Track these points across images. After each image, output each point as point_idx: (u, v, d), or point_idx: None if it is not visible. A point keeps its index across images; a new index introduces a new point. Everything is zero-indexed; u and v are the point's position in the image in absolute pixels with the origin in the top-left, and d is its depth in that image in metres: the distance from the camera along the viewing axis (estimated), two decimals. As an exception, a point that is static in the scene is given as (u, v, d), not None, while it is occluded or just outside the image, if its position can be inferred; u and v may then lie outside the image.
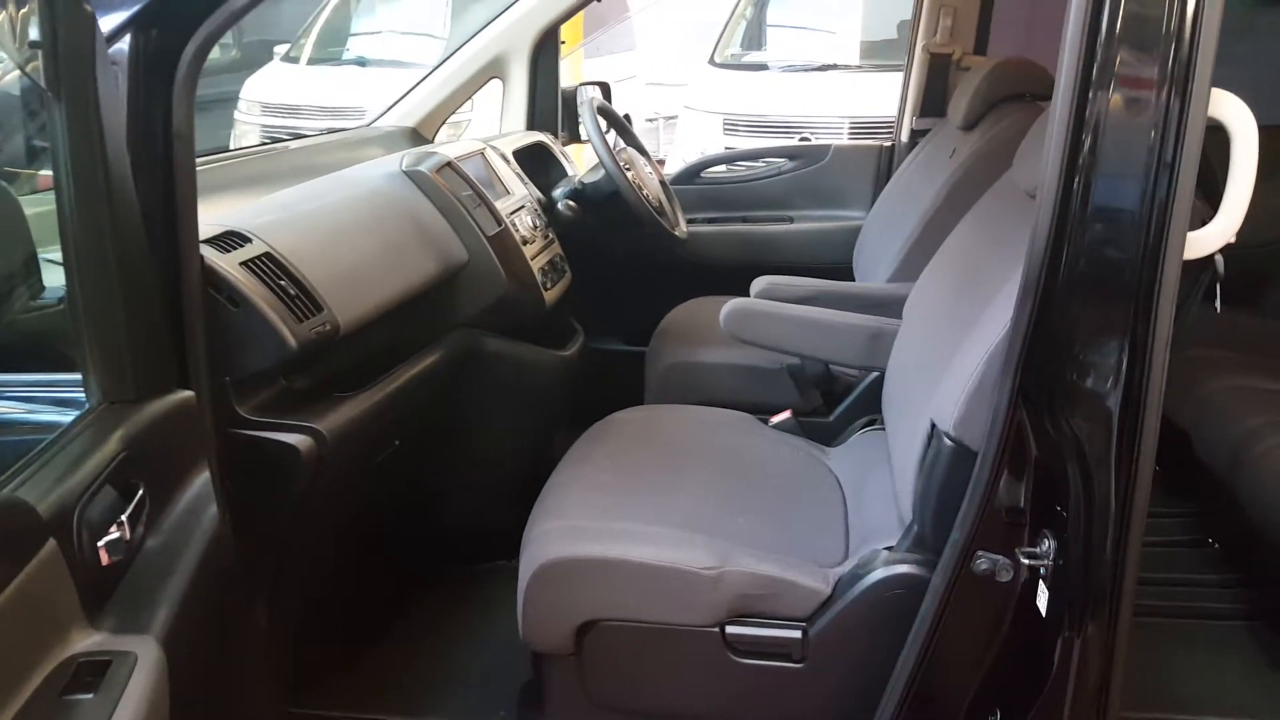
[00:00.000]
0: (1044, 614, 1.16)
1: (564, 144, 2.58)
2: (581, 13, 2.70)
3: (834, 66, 5.56)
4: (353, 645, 1.82)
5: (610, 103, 2.62)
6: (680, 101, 6.00)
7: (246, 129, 6.10)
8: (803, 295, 2.19)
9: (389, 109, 2.48)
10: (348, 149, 2.18)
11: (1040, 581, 1.17)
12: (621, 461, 1.69)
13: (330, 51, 6.59)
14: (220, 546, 1.15)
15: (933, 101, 2.69)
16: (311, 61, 6.48)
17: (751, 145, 4.96)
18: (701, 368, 2.19)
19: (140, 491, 1.03)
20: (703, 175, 2.97)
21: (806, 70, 5.59)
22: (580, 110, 2.24)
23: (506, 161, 2.15)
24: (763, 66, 5.88)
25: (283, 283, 1.39)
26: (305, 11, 6.85)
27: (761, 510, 1.59)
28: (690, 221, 2.57)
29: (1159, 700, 1.64)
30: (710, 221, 2.84)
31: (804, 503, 1.64)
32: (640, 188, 2.19)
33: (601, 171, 2.18)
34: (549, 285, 1.98)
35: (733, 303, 1.99)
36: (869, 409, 1.92)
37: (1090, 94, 1.03)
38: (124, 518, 0.98)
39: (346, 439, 1.47)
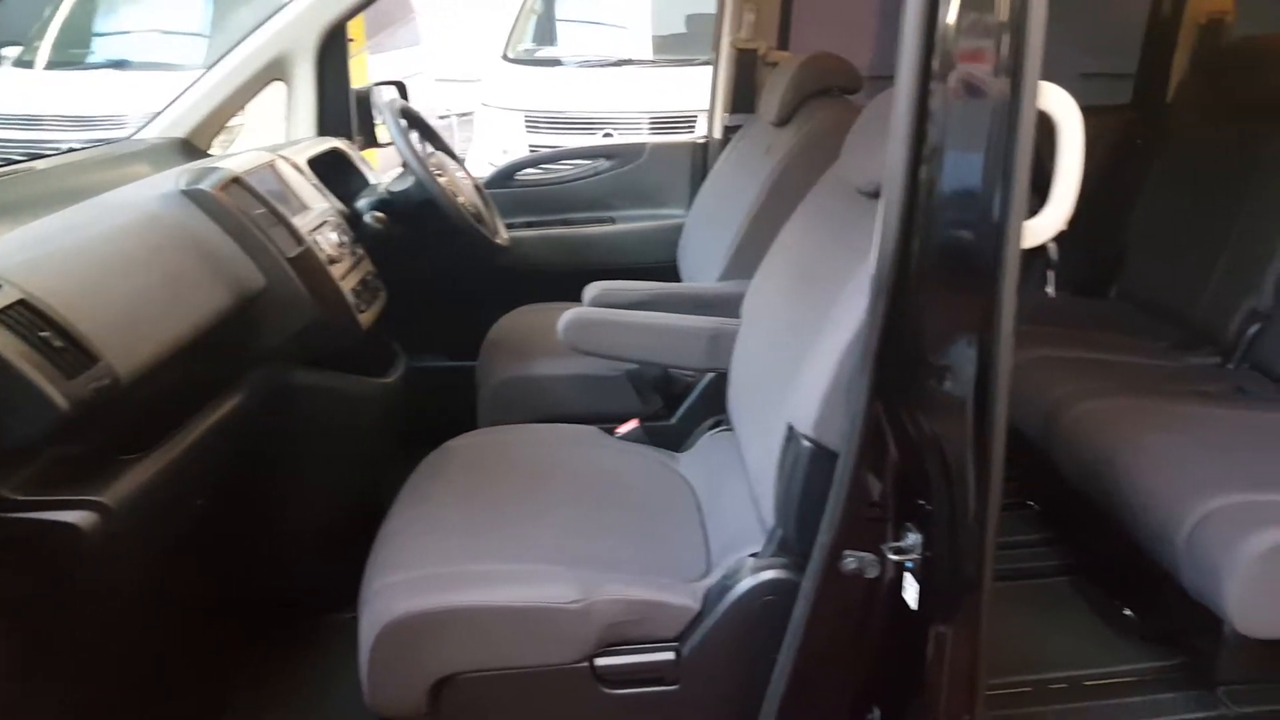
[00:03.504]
0: (913, 606, 1.17)
1: (360, 149, 2.39)
2: (362, 18, 2.52)
3: (629, 61, 5.57)
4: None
5: (408, 103, 2.46)
6: (474, 98, 5.83)
7: (-31, 148, 5.34)
8: (637, 299, 2.14)
9: (154, 118, 2.20)
10: (110, 167, 1.90)
11: (908, 575, 1.18)
12: (464, 496, 1.56)
13: (73, 54, 5.86)
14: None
15: (742, 97, 2.70)
16: (51, 65, 5.72)
17: (554, 142, 4.91)
18: (537, 381, 2.09)
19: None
20: (517, 178, 2.86)
21: (603, 65, 5.58)
22: (381, 113, 2.08)
23: (301, 172, 1.94)
24: (557, 62, 5.81)
25: (45, 334, 1.16)
26: (36, 9, 6.05)
27: (622, 530, 1.52)
28: (509, 226, 2.46)
29: (1004, 664, 1.71)
30: (530, 226, 2.74)
31: (664, 516, 1.58)
32: (455, 194, 2.06)
33: (410, 179, 2.02)
34: (363, 307, 1.81)
35: (570, 313, 1.91)
36: (711, 409, 1.89)
37: (930, 87, 1.03)
38: None
39: (137, 508, 1.27)
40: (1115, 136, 2.74)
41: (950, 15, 1.01)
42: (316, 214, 1.83)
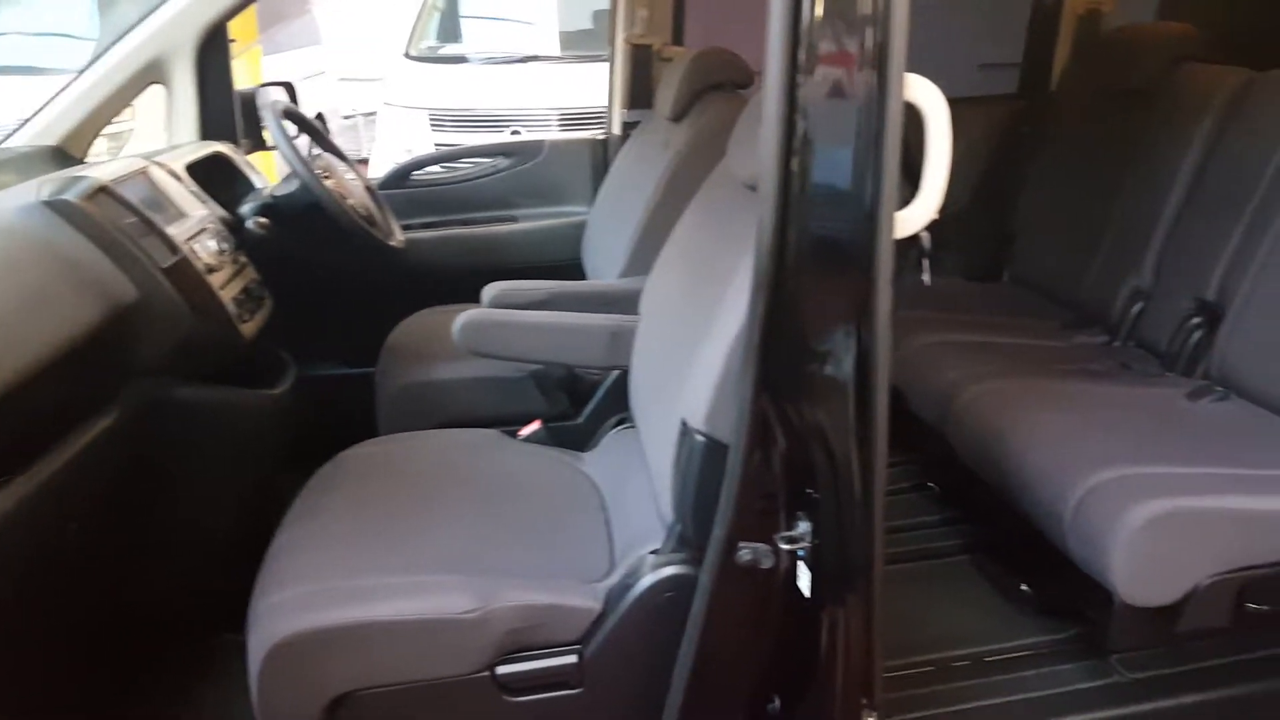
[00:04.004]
0: (807, 594, 1.18)
1: (247, 153, 2.31)
2: (254, 8, 2.43)
3: (536, 58, 5.52)
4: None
5: (296, 104, 2.39)
6: (379, 97, 5.71)
7: None
8: (538, 299, 2.11)
9: (23, 124, 2.08)
10: (-28, 178, 1.80)
11: (800, 563, 1.19)
12: (358, 507, 1.52)
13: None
14: None
15: (640, 93, 2.70)
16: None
17: (461, 141, 4.84)
18: (437, 385, 2.05)
19: None
20: (413, 177, 2.80)
21: (508, 62, 5.52)
22: (263, 115, 2.01)
23: (178, 179, 1.86)
24: (462, 59, 5.73)
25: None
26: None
27: (522, 534, 1.50)
28: (406, 228, 2.40)
29: (907, 644, 1.74)
30: (428, 227, 2.68)
31: (566, 517, 1.57)
32: (343, 196, 2.00)
33: (295, 182, 1.96)
34: (246, 317, 1.74)
35: (465, 315, 1.87)
36: (618, 407, 1.88)
37: (798, 80, 1.03)
38: None
39: (2, 536, 1.20)
40: (1004, 125, 2.82)
41: (815, 9, 1.02)
42: (194, 221, 1.75)
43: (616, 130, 2.77)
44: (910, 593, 1.90)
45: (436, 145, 5.02)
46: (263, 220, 1.93)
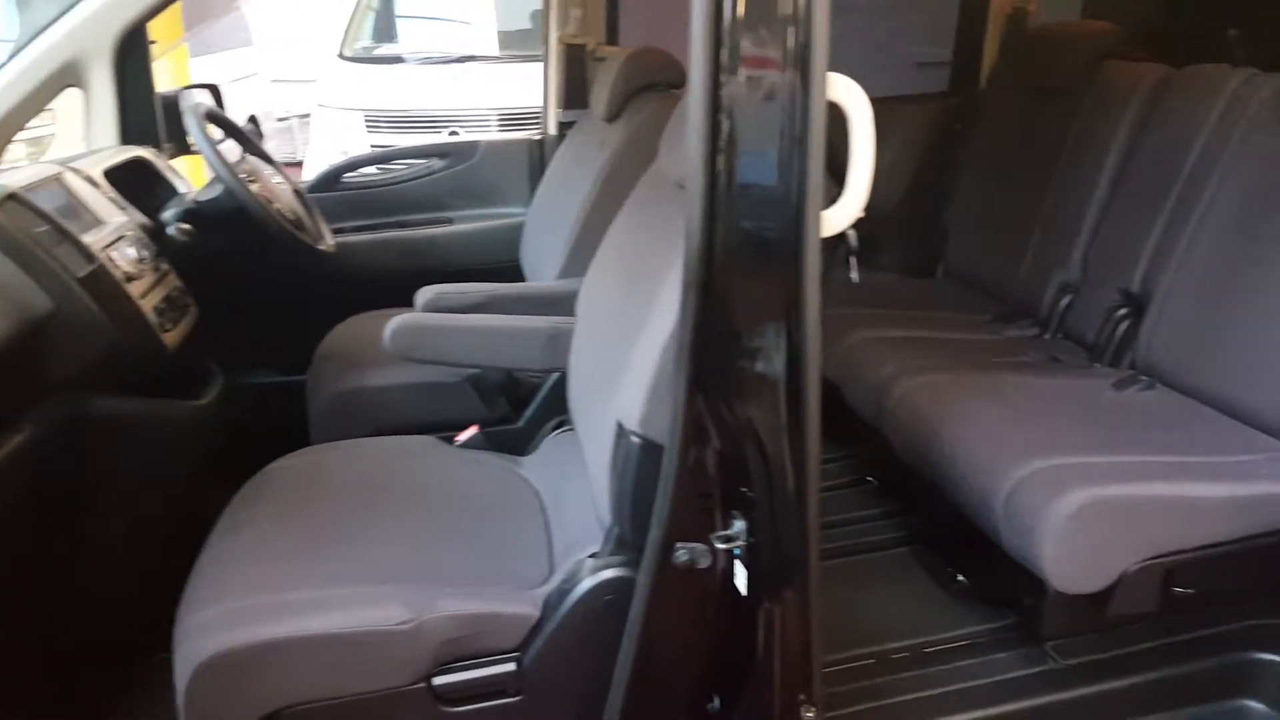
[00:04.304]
0: (744, 593, 1.18)
1: (170, 157, 2.24)
2: (179, 7, 2.36)
3: (474, 58, 5.47)
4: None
5: (222, 106, 2.33)
6: (313, 99, 5.61)
7: None
8: (474, 302, 2.09)
9: (-72, 131, 2.00)
10: None
11: (737, 562, 1.19)
12: (287, 519, 1.49)
13: None
14: None
15: (575, 93, 2.69)
16: None
17: (397, 142, 4.77)
18: (371, 392, 2.01)
19: None
20: (345, 180, 2.75)
21: (445, 62, 5.46)
22: (185, 119, 1.95)
23: (95, 185, 1.80)
24: (399, 59, 5.65)
25: None
26: None
27: (458, 542, 1.48)
28: (338, 231, 2.36)
29: (848, 638, 1.76)
30: (362, 230, 2.64)
31: (503, 524, 1.55)
32: (270, 200, 1.95)
33: (220, 187, 1.91)
34: (168, 326, 1.69)
35: (396, 320, 1.84)
36: (558, 409, 1.87)
37: (721, 79, 1.03)
38: None
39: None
40: (937, 123, 2.86)
41: (737, 9, 1.02)
42: (112, 229, 1.70)
43: (552, 131, 2.75)
44: (850, 587, 1.92)
45: (372, 147, 4.94)
46: (185, 226, 1.88)
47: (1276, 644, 1.69)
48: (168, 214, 1.89)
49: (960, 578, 1.89)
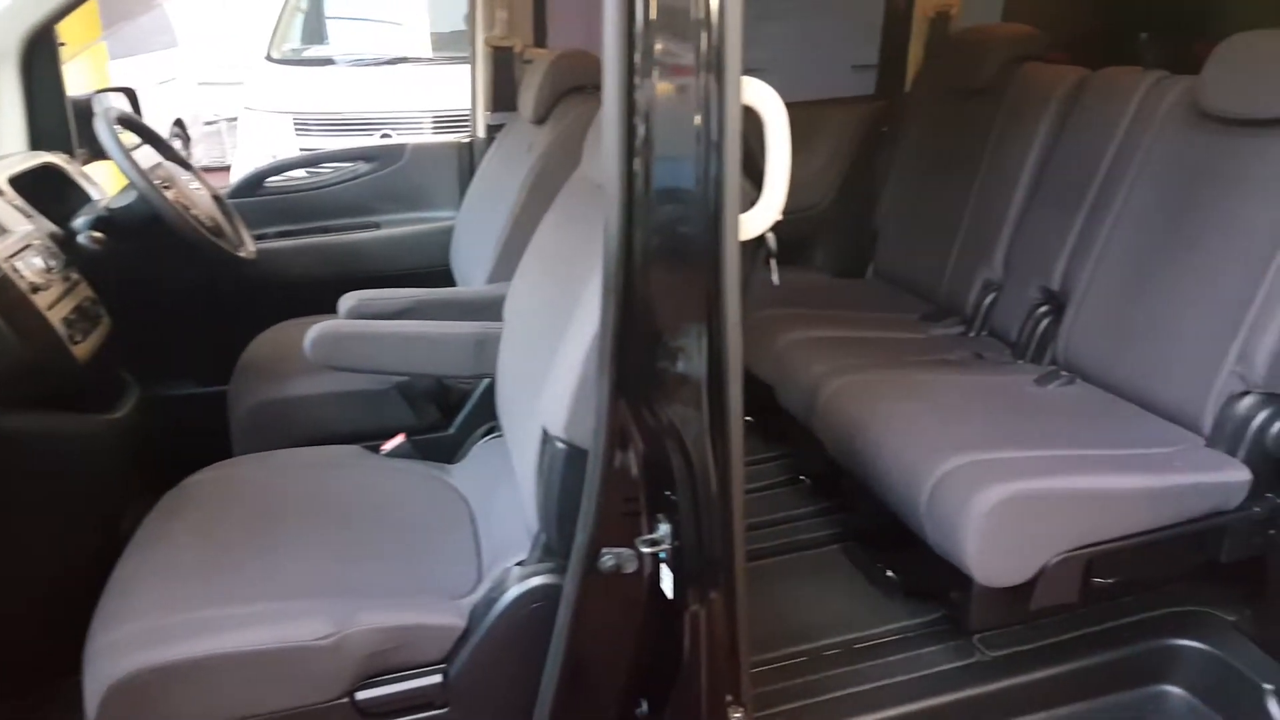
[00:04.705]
0: (670, 596, 1.18)
1: (84, 163, 2.17)
2: (95, 6, 2.28)
3: (406, 59, 5.40)
4: None
5: (139, 110, 2.26)
6: (241, 102, 5.49)
7: None
8: (399, 308, 2.05)
9: None
10: None
11: (664, 565, 1.19)
12: (204, 534, 1.44)
13: None
14: None
15: (504, 95, 2.66)
16: None
17: (328, 145, 4.69)
18: (294, 402, 1.96)
19: None
20: (268, 185, 2.68)
21: (377, 64, 5.38)
22: (95, 124, 1.89)
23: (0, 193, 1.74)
24: (329, 61, 5.55)
25: None
26: None
27: (381, 553, 1.45)
28: (261, 238, 2.31)
29: (779, 638, 1.77)
30: (285, 236, 2.58)
31: (430, 534, 1.53)
32: (186, 207, 1.90)
33: (134, 193, 1.85)
34: (79, 337, 1.63)
35: (317, 328, 1.80)
36: (489, 416, 1.85)
37: (635, 82, 1.02)
38: None
39: None
40: (866, 125, 2.90)
41: (650, 12, 1.01)
42: (17, 238, 1.63)
43: (481, 133, 2.72)
44: (782, 585, 1.94)
45: (302, 150, 4.85)
46: (97, 235, 1.82)
47: (1193, 630, 1.74)
48: (79, 222, 1.83)
49: (890, 574, 1.91)
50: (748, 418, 2.53)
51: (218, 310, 2.30)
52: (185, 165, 2.12)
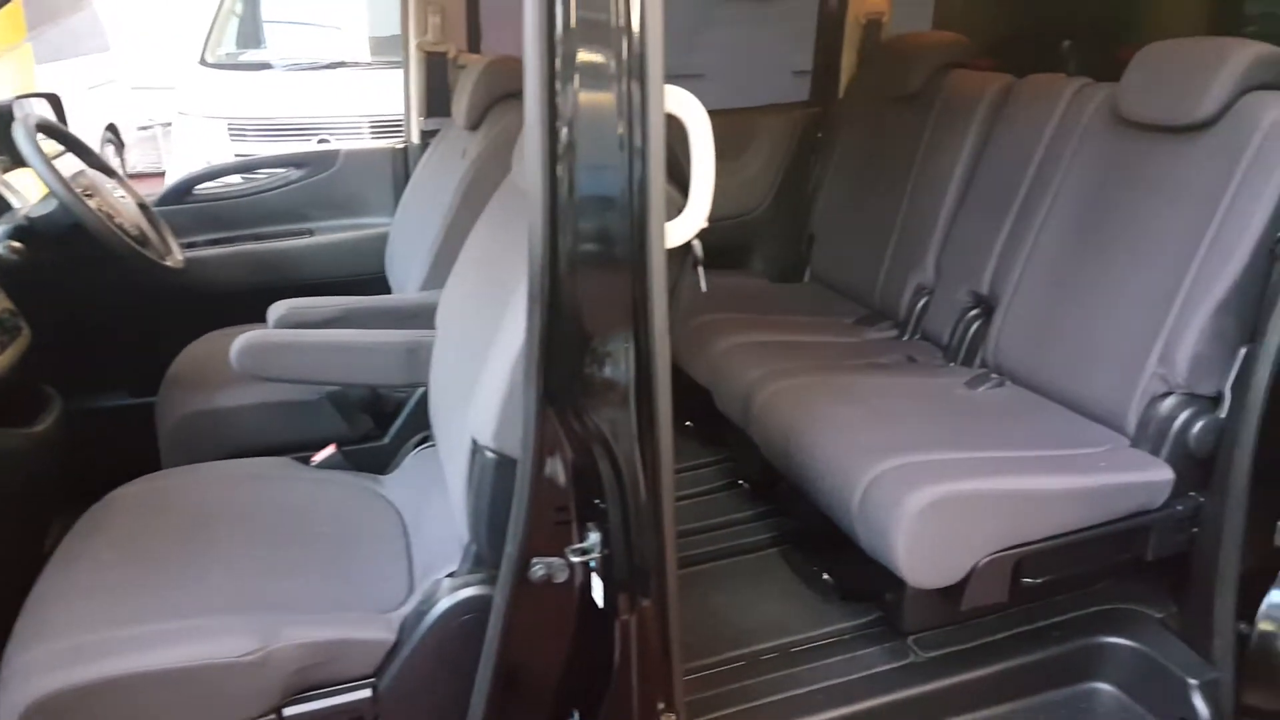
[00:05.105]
0: (601, 605, 1.18)
1: (4, 171, 2.10)
2: (19, 8, 2.22)
3: (344, 64, 5.33)
4: None
5: (63, 116, 2.20)
6: (174, 107, 5.37)
7: None
8: (330, 316, 2.02)
9: None
10: None
11: (594, 574, 1.18)
12: (126, 549, 1.41)
13: None
14: None
15: (437, 101, 2.64)
16: None
17: (264, 151, 4.61)
18: (223, 413, 1.92)
19: None
20: (197, 192, 2.62)
21: (314, 68, 5.30)
22: (13, 130, 1.83)
23: (-94, 202, 1.68)
24: (265, 65, 5.46)
25: None
26: None
27: (311, 567, 1.42)
28: (189, 246, 2.25)
29: (717, 643, 1.77)
30: (216, 244, 2.52)
31: (360, 546, 1.50)
32: (110, 215, 1.85)
33: (54, 202, 1.80)
34: (-6, 350, 1.58)
35: (243, 338, 1.76)
36: (424, 425, 1.83)
37: (557, 88, 1.02)
38: None
39: None
40: (802, 131, 2.93)
41: (570, 18, 1.01)
42: (-73, 248, 1.58)
43: (415, 139, 2.70)
44: (719, 590, 1.94)
45: (237, 156, 4.76)
46: (15, 244, 1.77)
47: (1122, 628, 1.77)
48: None
49: (826, 576, 1.93)
50: (687, 422, 2.53)
51: (145, 320, 2.24)
52: (110, 172, 2.07)
